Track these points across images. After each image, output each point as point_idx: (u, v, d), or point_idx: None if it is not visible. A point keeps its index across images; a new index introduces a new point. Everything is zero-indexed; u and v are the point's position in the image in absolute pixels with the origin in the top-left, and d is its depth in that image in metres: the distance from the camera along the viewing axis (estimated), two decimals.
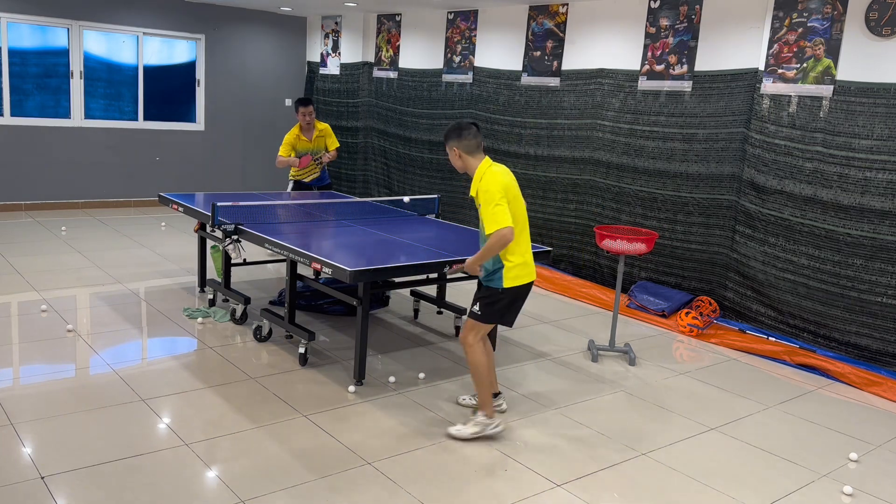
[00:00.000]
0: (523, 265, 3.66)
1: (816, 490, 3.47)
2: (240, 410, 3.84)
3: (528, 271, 3.70)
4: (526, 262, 3.69)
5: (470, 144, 3.66)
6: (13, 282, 5.84)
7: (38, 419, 3.59)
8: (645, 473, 3.50)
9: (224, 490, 3.09)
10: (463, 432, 3.70)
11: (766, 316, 5.68)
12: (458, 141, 3.67)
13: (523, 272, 3.67)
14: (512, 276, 3.63)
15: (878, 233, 4.95)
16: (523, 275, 3.67)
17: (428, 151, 8.64)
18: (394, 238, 4.84)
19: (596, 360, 5.00)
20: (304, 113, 6.51)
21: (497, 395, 4.04)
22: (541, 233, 7.35)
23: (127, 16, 9.09)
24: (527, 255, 3.70)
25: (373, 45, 9.44)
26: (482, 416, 3.73)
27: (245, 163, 10.30)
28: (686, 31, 6.09)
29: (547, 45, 7.24)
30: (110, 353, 4.51)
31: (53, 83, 8.79)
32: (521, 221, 3.68)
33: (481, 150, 3.71)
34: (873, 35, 4.92)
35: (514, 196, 3.64)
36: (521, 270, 3.66)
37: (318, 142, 6.69)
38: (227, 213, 4.99)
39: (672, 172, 6.18)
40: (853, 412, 4.47)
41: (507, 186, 3.57)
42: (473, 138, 3.66)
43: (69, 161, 8.92)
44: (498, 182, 3.55)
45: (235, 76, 10.02)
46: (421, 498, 3.14)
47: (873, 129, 4.92)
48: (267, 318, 4.86)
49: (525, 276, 3.68)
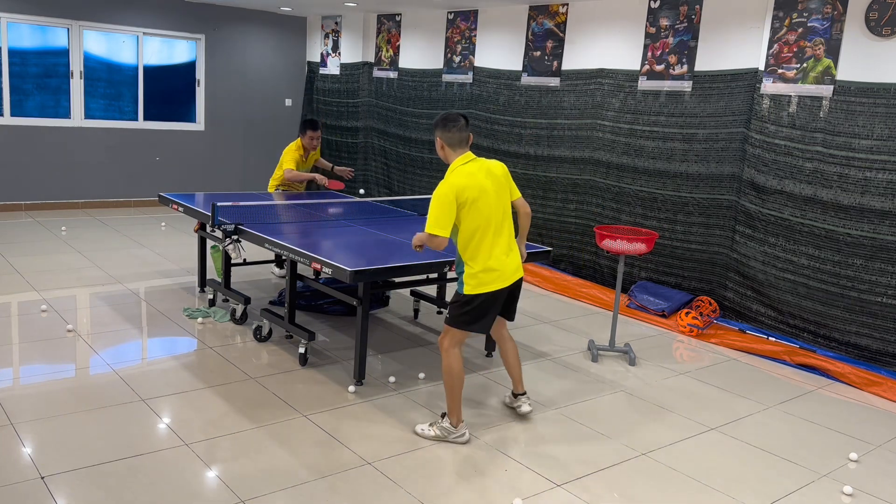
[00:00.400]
0: (486, 271, 3.50)
1: (816, 490, 3.47)
2: (240, 410, 3.84)
3: (492, 278, 3.52)
4: (488, 268, 3.51)
5: (453, 137, 3.55)
6: (13, 282, 5.84)
7: (38, 419, 3.59)
8: (645, 473, 3.50)
9: (224, 490, 3.09)
10: (426, 433, 3.68)
11: (766, 316, 5.68)
12: (442, 131, 3.56)
13: (487, 279, 3.51)
14: (474, 282, 3.50)
15: (878, 233, 4.95)
16: (487, 281, 3.51)
17: (428, 151, 8.64)
18: (394, 238, 4.84)
19: (596, 360, 5.00)
20: (313, 137, 6.39)
21: (519, 395, 4.01)
22: (541, 233, 7.35)
23: (127, 16, 9.09)
24: (492, 262, 3.51)
25: (373, 45, 9.44)
26: (447, 422, 3.66)
27: (245, 163, 10.31)
28: (686, 31, 6.09)
29: (547, 45, 7.24)
30: (110, 353, 4.51)
31: (53, 83, 8.79)
32: (489, 224, 3.51)
33: (465, 146, 3.58)
34: (873, 35, 4.92)
35: (474, 198, 3.45)
36: (486, 277, 3.51)
37: (310, 160, 6.63)
38: (227, 213, 4.99)
39: (672, 172, 6.18)
40: (853, 412, 4.47)
41: (461, 190, 3.43)
42: (458, 132, 3.54)
43: (69, 161, 8.92)
44: (452, 185, 3.43)
45: (235, 76, 10.02)
46: (421, 498, 3.14)
47: (873, 129, 4.92)
48: (267, 318, 4.86)
49: (490, 284, 3.52)
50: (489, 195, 3.52)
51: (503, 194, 3.61)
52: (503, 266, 3.56)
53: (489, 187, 3.52)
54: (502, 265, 3.56)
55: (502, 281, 3.56)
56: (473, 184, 3.47)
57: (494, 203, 3.54)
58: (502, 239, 3.58)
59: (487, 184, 3.52)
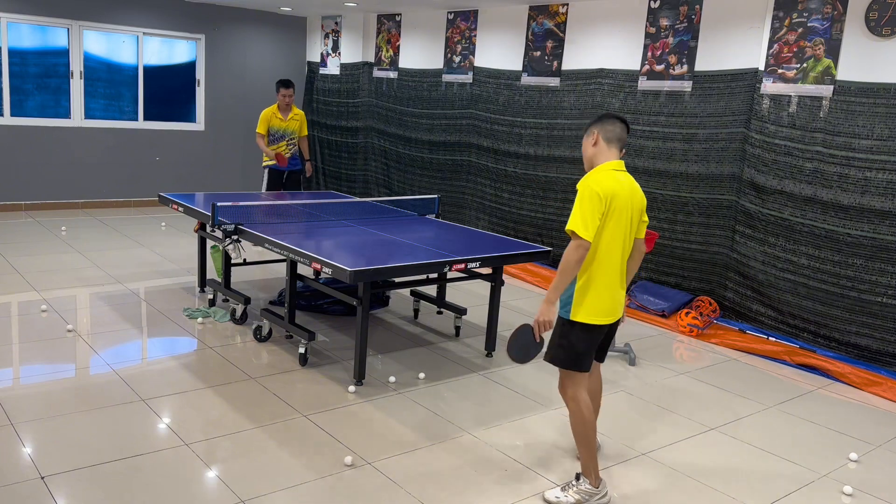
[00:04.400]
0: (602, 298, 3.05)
1: (816, 490, 3.47)
2: (240, 410, 3.84)
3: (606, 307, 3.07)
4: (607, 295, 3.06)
5: (612, 131, 3.12)
6: (13, 282, 5.84)
7: (38, 419, 3.59)
8: (645, 473, 3.50)
9: (224, 490, 3.09)
10: (562, 500, 3.12)
11: (766, 316, 5.68)
12: (602, 125, 3.14)
13: (601, 307, 3.06)
14: (589, 307, 3.04)
15: (878, 233, 4.95)
16: (603, 311, 3.07)
17: (428, 151, 8.64)
18: (394, 238, 4.84)
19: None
20: (285, 94, 7.01)
21: None
22: (541, 233, 7.35)
23: (127, 16, 9.09)
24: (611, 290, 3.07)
25: (373, 45, 9.44)
26: (585, 483, 3.14)
27: (245, 163, 10.30)
28: (686, 31, 6.09)
29: (547, 45, 7.24)
30: (110, 353, 4.51)
31: (53, 83, 8.79)
32: (621, 245, 3.08)
33: (619, 148, 3.14)
34: (873, 35, 4.92)
35: (620, 209, 3.03)
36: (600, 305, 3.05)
37: (291, 123, 7.12)
38: (227, 213, 4.99)
39: (672, 172, 6.18)
40: (853, 412, 4.47)
41: (612, 195, 3.00)
42: (619, 129, 3.13)
43: (69, 161, 8.91)
44: (601, 185, 2.99)
45: (235, 76, 10.02)
46: (421, 498, 3.14)
47: (873, 129, 4.92)
48: (267, 318, 4.86)
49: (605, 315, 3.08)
50: (628, 214, 3.09)
51: (636, 222, 3.17)
52: (618, 298, 3.15)
53: (632, 204, 3.11)
54: (619, 296, 3.15)
55: (613, 314, 3.13)
56: (623, 194, 3.05)
57: (628, 225, 3.10)
58: (623, 268, 3.15)
59: (632, 201, 3.11)
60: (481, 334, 5.23)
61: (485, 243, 4.94)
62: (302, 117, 7.22)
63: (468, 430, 3.80)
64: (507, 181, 7.63)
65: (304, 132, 7.24)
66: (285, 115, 7.07)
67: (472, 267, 4.38)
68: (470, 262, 4.35)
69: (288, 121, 7.08)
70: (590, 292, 3.05)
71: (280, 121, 7.04)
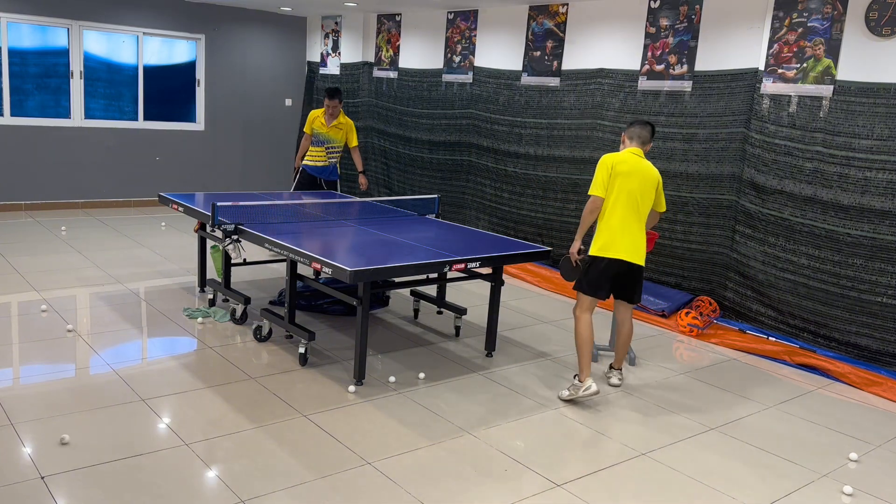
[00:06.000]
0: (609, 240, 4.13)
1: (816, 490, 3.47)
2: (240, 410, 3.84)
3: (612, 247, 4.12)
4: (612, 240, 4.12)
5: (633, 131, 4.28)
6: (13, 282, 5.84)
7: (38, 419, 3.59)
8: (645, 473, 3.50)
9: (224, 490, 3.09)
10: (563, 395, 4.24)
11: (766, 316, 5.68)
12: (628, 129, 4.32)
13: (607, 245, 4.13)
14: (598, 245, 4.16)
15: (878, 233, 4.95)
16: (607, 247, 4.13)
17: (428, 151, 8.64)
18: (394, 238, 4.84)
19: (596, 359, 5.00)
20: (329, 105, 6.87)
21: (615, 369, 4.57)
22: (541, 233, 7.35)
23: (127, 16, 9.09)
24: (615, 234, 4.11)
25: (373, 45, 9.44)
26: (576, 380, 4.20)
27: (245, 163, 10.31)
28: (686, 31, 6.09)
29: (547, 45, 7.24)
30: (110, 353, 4.51)
31: (53, 83, 8.79)
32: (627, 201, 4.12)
33: (638, 142, 4.25)
34: (873, 35, 4.92)
35: (626, 173, 4.11)
36: (608, 242, 4.13)
37: (333, 131, 6.92)
38: (227, 213, 4.99)
39: (672, 172, 6.18)
40: (853, 412, 4.47)
41: (617, 161, 4.12)
42: (638, 128, 4.26)
43: (69, 161, 8.92)
44: (610, 156, 4.16)
45: (235, 76, 10.02)
46: (421, 498, 3.14)
47: (873, 129, 4.92)
48: (267, 318, 4.86)
49: (608, 250, 4.12)
50: (636, 179, 4.14)
51: (647, 191, 4.20)
52: (620, 242, 4.13)
53: (639, 174, 4.16)
54: (622, 242, 4.13)
55: (617, 253, 4.13)
56: (629, 161, 4.16)
57: (637, 189, 4.14)
58: (631, 223, 4.14)
59: (639, 172, 4.16)
60: (481, 334, 5.23)
61: (485, 243, 4.94)
62: (348, 127, 6.96)
63: (468, 429, 3.80)
64: (507, 181, 7.63)
65: (353, 143, 6.99)
66: (329, 122, 6.90)
67: (471, 267, 4.38)
68: (470, 262, 4.35)
69: (330, 128, 6.88)
70: (599, 236, 4.21)
71: (322, 126, 6.89)
